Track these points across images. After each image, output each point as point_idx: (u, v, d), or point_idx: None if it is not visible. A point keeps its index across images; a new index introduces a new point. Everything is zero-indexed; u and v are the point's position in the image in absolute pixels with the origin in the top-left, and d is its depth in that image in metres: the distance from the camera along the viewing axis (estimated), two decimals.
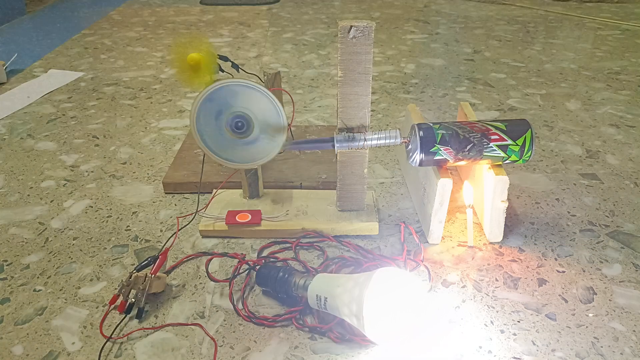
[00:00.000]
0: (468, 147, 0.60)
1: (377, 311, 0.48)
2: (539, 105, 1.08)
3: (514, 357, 0.51)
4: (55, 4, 2.16)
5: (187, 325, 0.55)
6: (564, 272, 0.62)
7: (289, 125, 0.62)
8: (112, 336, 0.53)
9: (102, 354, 0.52)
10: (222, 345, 0.52)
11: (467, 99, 1.13)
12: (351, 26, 0.57)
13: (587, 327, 0.54)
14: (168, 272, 0.62)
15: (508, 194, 0.64)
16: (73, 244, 0.68)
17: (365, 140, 0.61)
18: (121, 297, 0.56)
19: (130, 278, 0.56)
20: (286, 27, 1.72)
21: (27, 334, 0.54)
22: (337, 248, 0.66)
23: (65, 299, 0.59)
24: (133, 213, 0.74)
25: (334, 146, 0.62)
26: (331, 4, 2.07)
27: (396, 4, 2.04)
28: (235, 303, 0.57)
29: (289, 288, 0.55)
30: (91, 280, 0.62)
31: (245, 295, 0.59)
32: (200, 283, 0.61)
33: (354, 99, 0.61)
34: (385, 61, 1.38)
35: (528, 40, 1.55)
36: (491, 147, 0.61)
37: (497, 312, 0.56)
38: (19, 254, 0.66)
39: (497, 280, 0.61)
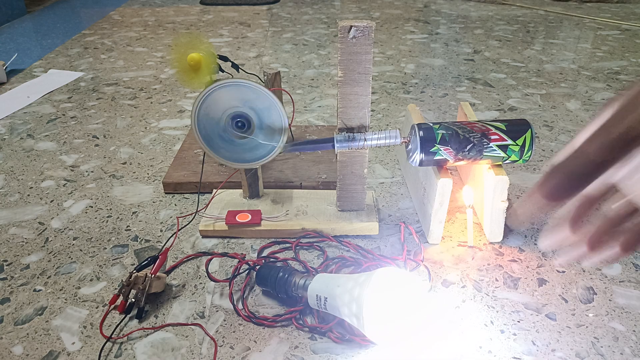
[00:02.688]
0: (468, 147, 0.60)
1: (377, 311, 0.48)
2: (539, 105, 1.08)
3: (514, 357, 0.51)
4: (55, 4, 2.16)
5: (187, 325, 0.55)
6: (564, 272, 0.62)
7: (289, 125, 0.62)
8: (112, 336, 0.53)
9: (102, 354, 0.52)
10: (222, 345, 0.52)
11: (467, 99, 1.13)
12: (351, 26, 0.56)
13: (587, 327, 0.54)
14: (168, 272, 0.62)
15: (508, 194, 0.64)
16: (73, 244, 0.68)
17: (365, 140, 0.61)
18: (121, 297, 0.56)
19: (130, 278, 0.56)
20: (286, 27, 1.72)
21: (27, 334, 0.54)
22: (337, 248, 0.66)
23: (65, 299, 0.59)
24: (133, 213, 0.74)
25: (334, 146, 0.62)
26: (331, 4, 2.07)
27: (396, 4, 2.04)
28: (235, 303, 0.57)
29: (289, 288, 0.55)
30: (91, 280, 0.62)
31: (245, 295, 0.59)
32: (200, 283, 0.61)
33: (354, 99, 0.61)
34: (385, 61, 1.38)
35: (528, 40, 1.55)
36: (491, 147, 0.61)
37: (497, 312, 0.56)
38: (19, 254, 0.66)
39: (497, 280, 0.61)
